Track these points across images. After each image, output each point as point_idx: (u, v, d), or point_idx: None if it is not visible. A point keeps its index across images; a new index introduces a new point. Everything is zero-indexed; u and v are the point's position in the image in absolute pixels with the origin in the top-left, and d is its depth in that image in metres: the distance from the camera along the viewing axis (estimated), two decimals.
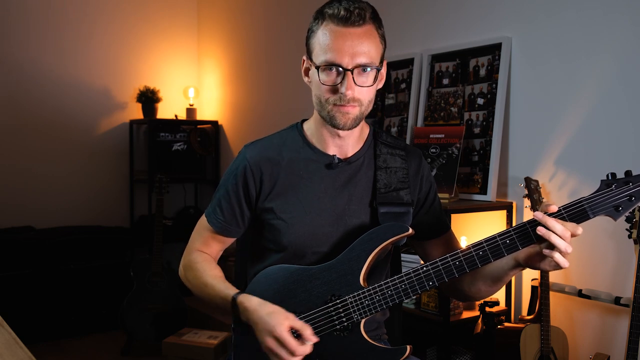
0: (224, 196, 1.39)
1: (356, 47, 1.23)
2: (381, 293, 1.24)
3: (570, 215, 1.15)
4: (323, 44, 1.25)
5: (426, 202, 1.42)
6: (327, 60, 1.24)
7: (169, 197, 4.13)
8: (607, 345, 2.11)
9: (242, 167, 1.37)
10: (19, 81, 3.99)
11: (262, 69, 4.03)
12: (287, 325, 1.19)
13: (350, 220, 1.34)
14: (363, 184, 1.37)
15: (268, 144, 1.40)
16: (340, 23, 1.23)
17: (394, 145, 1.41)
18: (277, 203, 1.35)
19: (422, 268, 1.22)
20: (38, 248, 3.64)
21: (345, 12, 1.23)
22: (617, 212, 1.14)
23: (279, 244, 1.35)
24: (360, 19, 1.23)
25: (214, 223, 1.41)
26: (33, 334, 3.52)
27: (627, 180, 1.15)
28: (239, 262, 1.59)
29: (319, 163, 1.36)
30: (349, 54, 1.23)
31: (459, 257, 1.21)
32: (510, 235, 1.18)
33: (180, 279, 1.48)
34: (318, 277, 1.28)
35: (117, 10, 4.33)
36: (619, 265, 2.08)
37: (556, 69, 2.29)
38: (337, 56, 1.23)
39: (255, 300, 1.26)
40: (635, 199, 1.14)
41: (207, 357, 3.00)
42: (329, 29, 1.25)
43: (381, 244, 1.27)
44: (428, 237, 1.43)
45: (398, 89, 2.89)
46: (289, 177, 1.35)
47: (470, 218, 2.51)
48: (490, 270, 1.28)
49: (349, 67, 1.23)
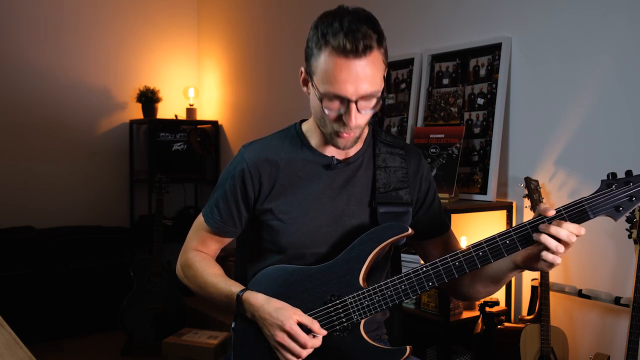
0: (222, 197, 1.39)
1: (361, 79, 1.18)
2: (381, 293, 1.24)
3: (571, 215, 1.15)
4: (327, 73, 1.19)
5: (425, 201, 1.42)
6: (333, 93, 1.19)
7: (169, 197, 4.13)
8: (607, 345, 2.11)
9: (240, 168, 1.36)
10: (19, 81, 3.99)
11: (262, 69, 4.03)
12: (295, 319, 1.21)
13: (349, 220, 1.34)
14: (362, 184, 1.36)
15: (266, 144, 1.39)
16: (345, 55, 1.16)
17: (393, 145, 1.40)
18: (275, 204, 1.34)
19: (422, 269, 1.22)
20: (38, 248, 3.64)
21: (351, 46, 1.15)
22: (618, 213, 1.14)
23: (277, 245, 1.35)
24: (366, 49, 1.16)
25: (211, 223, 1.41)
26: (33, 334, 3.52)
27: (627, 180, 1.15)
28: (239, 262, 1.59)
29: (318, 164, 1.35)
30: (354, 86, 1.18)
31: (458, 257, 1.20)
32: (510, 236, 1.18)
33: (178, 277, 1.48)
34: (317, 277, 1.28)
35: (117, 10, 4.33)
36: (619, 265, 2.08)
37: (556, 69, 2.29)
38: (342, 89, 1.18)
39: (261, 296, 1.27)
40: (635, 199, 1.13)
41: (207, 357, 3.00)
42: (333, 60, 1.17)
43: (380, 244, 1.27)
44: (427, 236, 1.42)
45: (398, 89, 2.89)
46: (288, 178, 1.35)
47: (470, 218, 2.51)
48: (490, 271, 1.28)
49: (354, 98, 1.19)
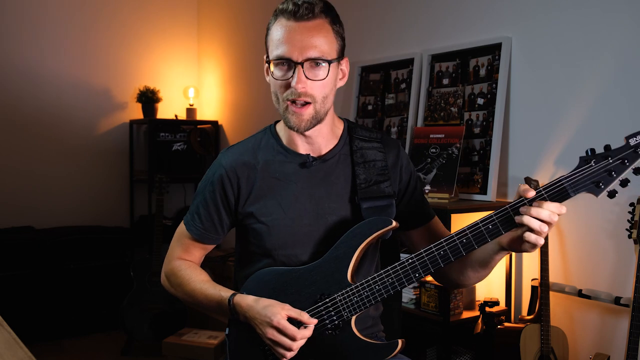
0: (202, 203, 1.40)
1: (306, 40, 1.24)
2: (369, 288, 1.24)
3: (551, 195, 1.14)
4: (275, 39, 1.27)
5: (407, 191, 1.41)
6: (278, 55, 1.26)
7: (169, 197, 4.13)
8: (607, 345, 2.11)
9: (218, 174, 1.37)
10: (19, 81, 3.99)
11: (262, 69, 4.01)
12: (284, 314, 1.22)
13: (330, 217, 1.34)
14: (341, 181, 1.36)
15: (243, 148, 1.40)
16: (291, 17, 1.25)
17: (369, 139, 1.40)
18: (256, 207, 1.35)
19: (408, 260, 1.22)
20: (38, 248, 3.64)
21: (293, 6, 1.24)
22: (598, 189, 1.12)
23: (263, 248, 1.35)
24: (309, 12, 1.24)
25: (192, 231, 1.42)
26: (33, 334, 3.52)
27: (606, 155, 1.13)
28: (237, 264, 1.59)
29: (294, 163, 1.36)
30: (298, 47, 1.24)
31: (443, 246, 1.20)
32: (493, 221, 1.18)
33: (163, 286, 1.49)
34: (306, 277, 1.29)
35: (117, 10, 4.33)
36: (619, 265, 2.08)
37: (556, 69, 2.28)
38: (287, 50, 1.24)
39: (250, 298, 1.28)
40: (615, 173, 1.11)
41: (207, 357, 3.01)
42: (280, 24, 1.27)
43: (366, 239, 1.27)
44: (412, 226, 1.42)
45: (398, 89, 2.89)
46: (266, 180, 1.36)
47: (470, 218, 2.50)
48: (477, 256, 1.28)
49: (299, 60, 1.24)
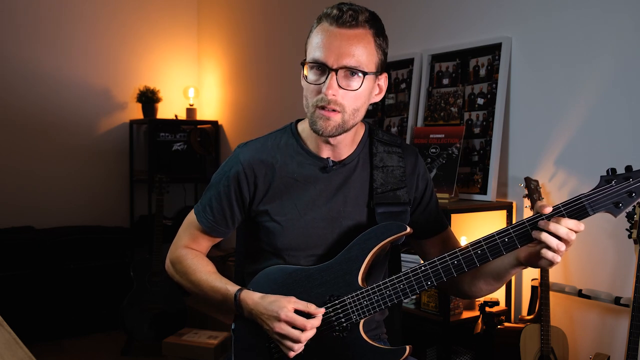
0: (216, 196, 1.38)
1: (344, 47, 1.21)
2: (380, 293, 1.23)
3: (570, 212, 1.14)
4: (314, 42, 1.25)
5: (423, 200, 1.41)
6: (314, 58, 1.23)
7: (169, 197, 4.12)
8: (607, 345, 2.11)
9: (235, 170, 1.36)
10: (19, 81, 3.99)
11: (262, 69, 4.03)
12: (291, 307, 1.21)
13: (345, 222, 1.34)
14: (358, 185, 1.36)
15: (262, 145, 1.38)
16: (333, 23, 1.22)
17: (390, 143, 1.39)
18: (271, 206, 1.34)
19: (421, 268, 1.22)
20: (38, 248, 3.64)
21: (338, 12, 1.22)
22: (617, 209, 1.13)
23: (273, 246, 1.35)
24: (352, 19, 1.22)
25: (203, 222, 1.41)
26: (33, 334, 3.52)
27: (627, 176, 1.13)
28: (239, 262, 1.59)
29: (314, 166, 1.35)
30: (335, 53, 1.21)
31: (457, 256, 1.20)
32: (509, 234, 1.17)
33: (167, 272, 1.48)
34: (316, 277, 1.28)
35: (117, 10, 4.33)
36: (619, 265, 2.08)
37: (556, 69, 2.28)
38: (324, 55, 1.22)
39: (256, 294, 1.28)
40: (635, 194, 1.12)
41: (207, 357, 3.00)
42: (322, 28, 1.24)
43: (379, 243, 1.27)
44: (426, 235, 1.42)
45: (398, 89, 2.89)
46: (283, 181, 1.35)
47: (470, 218, 2.51)
48: (490, 268, 1.27)
49: (334, 66, 1.21)
